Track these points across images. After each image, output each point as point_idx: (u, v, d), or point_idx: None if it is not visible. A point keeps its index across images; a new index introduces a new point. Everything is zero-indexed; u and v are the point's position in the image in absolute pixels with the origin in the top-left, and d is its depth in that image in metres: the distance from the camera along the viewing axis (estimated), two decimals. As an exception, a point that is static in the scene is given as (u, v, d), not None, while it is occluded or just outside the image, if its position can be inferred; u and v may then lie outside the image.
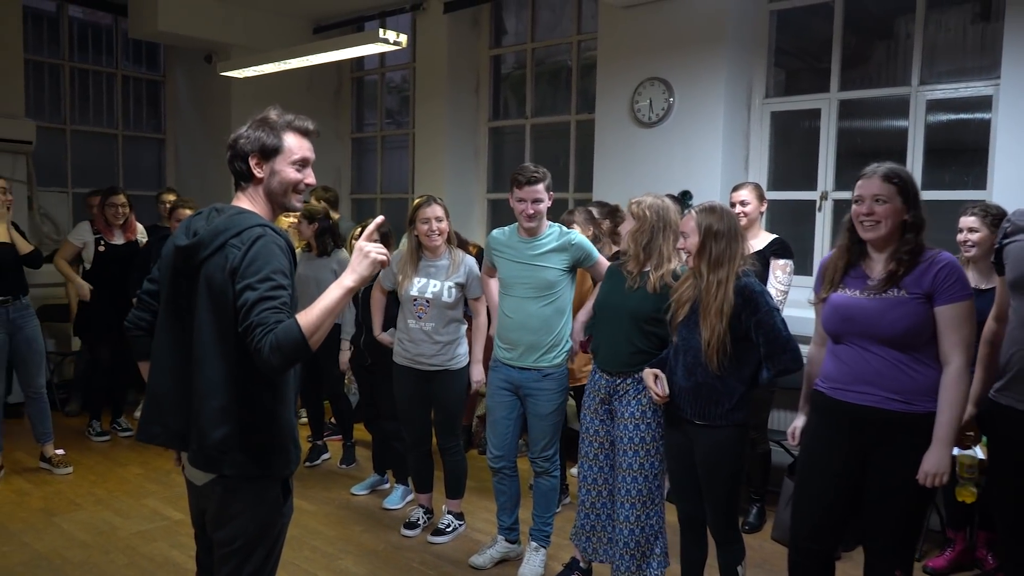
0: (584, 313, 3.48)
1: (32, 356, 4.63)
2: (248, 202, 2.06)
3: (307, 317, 1.80)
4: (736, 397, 2.75)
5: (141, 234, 5.52)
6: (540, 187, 3.39)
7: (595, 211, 4.39)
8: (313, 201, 5.47)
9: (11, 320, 4.51)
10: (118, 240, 5.34)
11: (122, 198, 5.30)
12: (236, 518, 1.99)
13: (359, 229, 4.96)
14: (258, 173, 2.04)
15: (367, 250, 1.89)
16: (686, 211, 2.93)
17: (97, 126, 7.52)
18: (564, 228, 3.53)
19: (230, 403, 1.94)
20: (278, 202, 2.08)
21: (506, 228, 3.61)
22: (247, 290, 1.84)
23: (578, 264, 3.48)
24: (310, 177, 2.10)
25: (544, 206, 3.42)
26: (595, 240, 4.36)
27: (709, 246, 2.73)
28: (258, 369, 1.86)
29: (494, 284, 3.71)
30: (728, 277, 2.71)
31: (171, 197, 5.64)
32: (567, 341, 3.49)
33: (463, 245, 4.29)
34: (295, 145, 2.05)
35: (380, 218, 2.17)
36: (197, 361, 1.97)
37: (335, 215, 5.46)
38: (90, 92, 7.49)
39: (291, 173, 2.05)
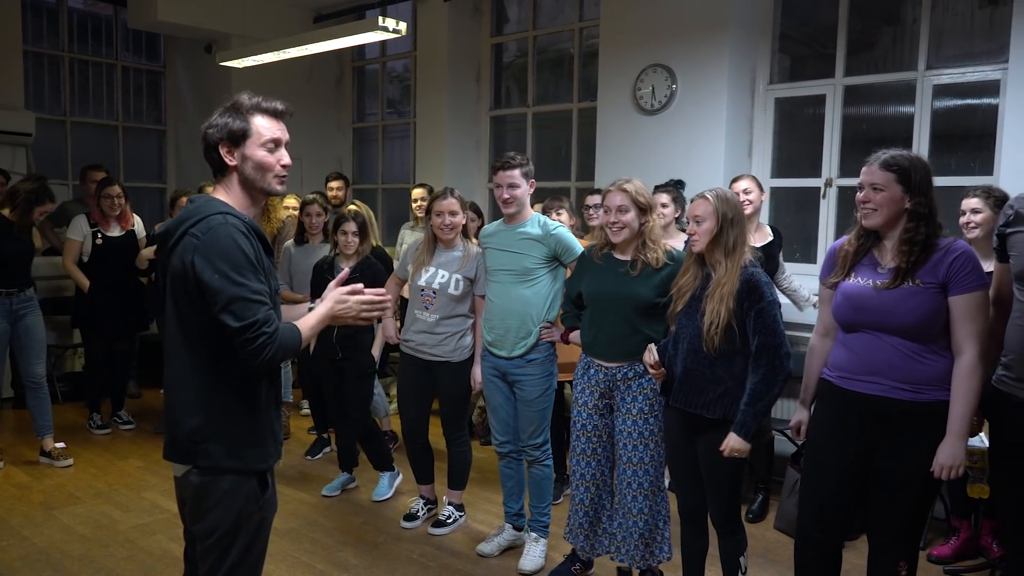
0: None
1: (31, 344, 4.67)
2: (224, 192, 2.00)
3: (305, 327, 1.95)
4: (721, 389, 2.68)
5: (138, 224, 5.48)
6: (515, 173, 3.39)
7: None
8: (291, 200, 5.45)
9: (14, 310, 4.59)
10: (114, 232, 5.32)
11: (117, 189, 5.27)
12: (212, 511, 1.96)
13: (347, 207, 4.86)
14: (230, 161, 1.97)
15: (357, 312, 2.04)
16: (689, 198, 2.88)
17: (97, 117, 7.52)
18: (548, 220, 3.51)
19: (199, 394, 1.93)
20: (257, 187, 2.00)
21: (497, 221, 3.61)
22: (226, 281, 1.82)
23: (557, 257, 3.43)
24: (285, 158, 2.01)
25: (520, 192, 3.41)
26: (581, 231, 4.35)
27: (727, 232, 2.69)
28: (225, 361, 1.89)
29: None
30: (738, 263, 2.68)
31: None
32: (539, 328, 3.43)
33: None
34: (264, 127, 1.97)
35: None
36: (167, 352, 1.96)
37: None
38: (90, 83, 7.48)
39: (263, 156, 1.97)
